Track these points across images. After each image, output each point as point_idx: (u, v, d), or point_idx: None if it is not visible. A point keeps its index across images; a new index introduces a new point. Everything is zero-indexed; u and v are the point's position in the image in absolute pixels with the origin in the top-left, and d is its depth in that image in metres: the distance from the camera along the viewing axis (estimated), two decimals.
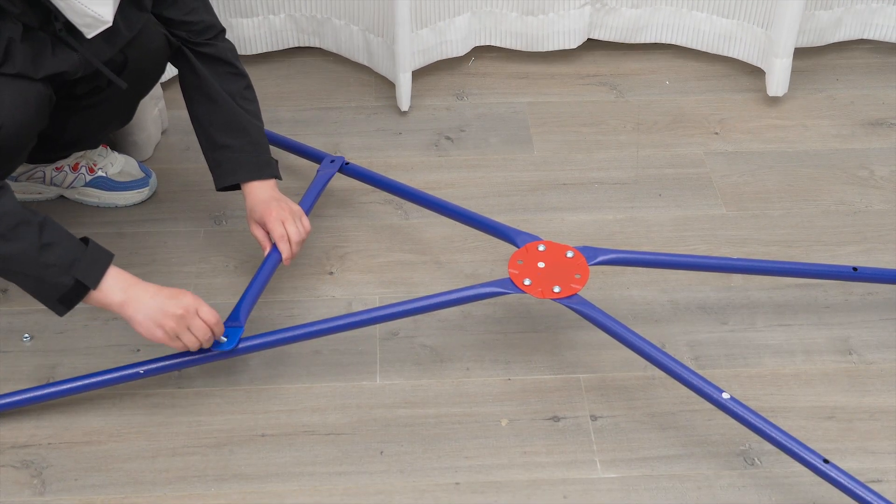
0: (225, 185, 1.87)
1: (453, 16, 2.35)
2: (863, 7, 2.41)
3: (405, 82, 2.29)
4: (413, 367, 1.81)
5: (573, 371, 1.80)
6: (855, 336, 1.86)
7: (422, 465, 1.66)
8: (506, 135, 2.30)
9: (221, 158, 1.86)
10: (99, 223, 2.04)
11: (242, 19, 2.37)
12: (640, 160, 2.23)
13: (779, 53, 2.29)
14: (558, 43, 2.41)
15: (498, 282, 1.70)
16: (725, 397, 1.54)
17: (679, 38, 2.46)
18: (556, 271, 1.71)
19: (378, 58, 2.35)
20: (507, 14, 2.38)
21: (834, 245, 2.03)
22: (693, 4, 2.39)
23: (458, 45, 2.40)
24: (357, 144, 2.26)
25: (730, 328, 1.87)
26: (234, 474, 1.64)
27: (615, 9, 2.40)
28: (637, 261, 1.81)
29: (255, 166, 1.85)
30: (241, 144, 1.85)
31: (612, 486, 1.63)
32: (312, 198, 1.97)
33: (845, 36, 2.46)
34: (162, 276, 1.95)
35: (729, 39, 2.40)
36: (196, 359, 1.68)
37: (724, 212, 2.11)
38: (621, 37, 2.45)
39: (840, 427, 1.71)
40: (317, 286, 1.95)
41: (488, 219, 1.88)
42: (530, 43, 2.42)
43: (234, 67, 1.89)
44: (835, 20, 2.41)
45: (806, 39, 2.42)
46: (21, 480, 1.63)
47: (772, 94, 2.34)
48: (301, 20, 2.40)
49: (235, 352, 1.68)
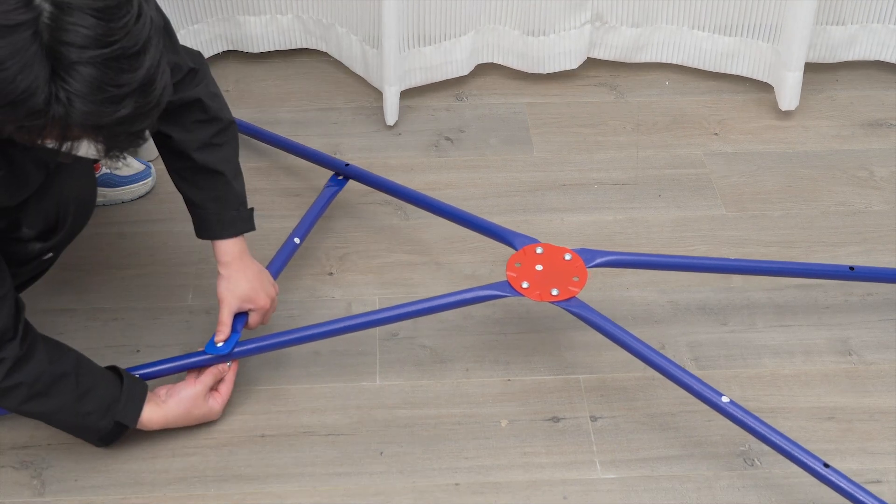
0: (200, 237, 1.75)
1: (458, 35, 2.33)
2: (880, 27, 2.35)
3: (391, 96, 2.26)
4: (413, 367, 1.81)
5: (573, 372, 1.80)
6: (855, 337, 1.86)
7: (421, 466, 1.66)
8: (505, 135, 2.30)
9: (191, 212, 1.74)
10: (100, 223, 2.04)
11: (250, 17, 2.37)
12: (640, 161, 2.23)
13: (790, 66, 2.25)
14: (559, 65, 2.39)
15: (496, 285, 1.70)
16: (725, 401, 1.54)
17: (680, 58, 2.42)
18: (554, 274, 1.71)
19: (372, 69, 2.34)
20: (510, 32, 2.36)
21: (834, 245, 2.03)
22: (694, 23, 2.35)
23: (463, 64, 2.38)
24: (357, 145, 2.26)
25: (729, 329, 1.87)
26: (233, 475, 1.64)
27: (615, 27, 2.37)
28: (635, 262, 1.81)
29: (218, 224, 1.71)
30: (202, 200, 1.71)
31: (611, 486, 1.63)
32: (314, 215, 1.95)
33: (860, 55, 2.40)
34: (161, 276, 1.95)
35: (732, 57, 2.37)
36: (191, 363, 1.68)
37: (724, 212, 2.11)
38: (621, 56, 2.42)
39: (840, 428, 1.71)
40: (316, 287, 1.95)
41: (486, 221, 1.88)
42: (531, 64, 2.38)
43: (202, 113, 1.68)
44: (848, 37, 2.36)
45: (816, 55, 2.38)
46: (21, 481, 1.63)
47: (784, 109, 2.31)
48: (308, 22, 2.40)
49: (231, 356, 1.68)
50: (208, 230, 1.72)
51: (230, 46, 2.43)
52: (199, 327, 1.86)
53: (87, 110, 1.15)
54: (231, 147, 1.74)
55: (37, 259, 1.59)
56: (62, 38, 1.12)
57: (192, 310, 1.90)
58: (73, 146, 1.22)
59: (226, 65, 2.45)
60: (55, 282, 1.92)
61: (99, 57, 1.13)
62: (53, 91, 1.14)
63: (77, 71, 1.13)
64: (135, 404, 1.61)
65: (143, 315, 1.89)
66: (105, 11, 1.13)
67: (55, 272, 1.93)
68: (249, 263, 1.72)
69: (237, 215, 1.72)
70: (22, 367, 1.49)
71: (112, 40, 1.14)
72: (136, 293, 1.93)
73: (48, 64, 1.12)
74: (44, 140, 1.20)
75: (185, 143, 1.68)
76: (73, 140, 1.21)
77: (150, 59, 1.17)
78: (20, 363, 1.49)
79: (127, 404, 1.60)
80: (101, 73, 1.14)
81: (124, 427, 1.62)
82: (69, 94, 1.14)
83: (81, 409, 1.56)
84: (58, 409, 1.55)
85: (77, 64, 1.13)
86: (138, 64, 1.17)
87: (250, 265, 1.72)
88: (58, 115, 1.15)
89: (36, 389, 1.51)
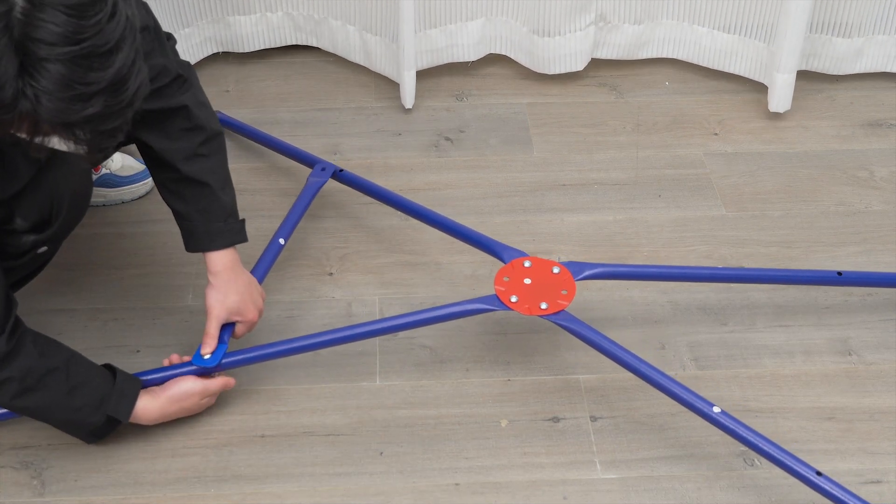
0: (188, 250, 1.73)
1: (465, 20, 2.34)
2: (885, 38, 2.33)
3: (409, 80, 2.29)
4: (413, 367, 1.81)
5: (573, 372, 1.80)
6: (855, 337, 1.86)
7: (421, 466, 1.66)
8: (505, 136, 2.30)
9: (179, 224, 1.72)
10: (99, 223, 2.04)
11: (240, 17, 2.37)
12: (640, 161, 2.23)
13: (781, 68, 2.25)
14: (565, 66, 2.39)
15: (485, 298, 1.70)
16: (716, 411, 1.54)
17: (681, 53, 2.43)
18: (542, 287, 1.70)
19: (376, 57, 2.35)
20: (519, 27, 2.37)
21: (833, 246, 2.03)
22: (694, 19, 2.36)
23: (470, 49, 2.39)
24: (356, 145, 2.26)
25: (729, 329, 1.87)
26: (233, 475, 1.64)
27: (617, 26, 2.37)
28: (623, 274, 1.81)
29: (206, 236, 1.69)
30: (188, 211, 1.69)
31: (611, 486, 1.63)
32: (301, 209, 1.94)
33: (867, 67, 2.38)
34: (161, 277, 1.95)
35: (730, 55, 2.37)
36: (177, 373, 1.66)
37: (724, 212, 2.11)
38: (624, 54, 2.42)
39: (840, 428, 1.71)
40: (316, 287, 1.95)
41: (475, 232, 1.87)
42: (537, 64, 2.39)
43: (187, 121, 1.65)
44: (854, 50, 2.34)
45: (819, 65, 2.37)
46: (21, 481, 1.63)
47: (773, 110, 2.30)
48: (298, 18, 2.40)
49: (219, 367, 1.67)
50: (196, 242, 1.70)
51: (221, 48, 2.43)
52: (199, 328, 1.85)
53: (54, 107, 1.15)
54: (218, 158, 1.70)
55: (31, 252, 1.59)
56: (32, 35, 1.12)
57: (191, 310, 1.89)
58: (44, 140, 1.21)
59: (225, 65, 2.45)
60: (55, 282, 1.92)
61: (68, 54, 1.13)
62: (21, 86, 1.13)
63: (45, 68, 1.13)
64: (128, 399, 1.60)
65: (142, 315, 1.89)
66: (77, 9, 1.12)
67: (55, 272, 1.93)
68: (240, 274, 1.71)
69: (224, 227, 1.69)
70: (10, 362, 1.49)
71: (82, 38, 1.13)
72: (135, 293, 1.93)
73: (17, 59, 1.12)
74: (15, 133, 1.20)
75: (170, 152, 1.65)
76: (43, 135, 1.21)
77: (123, 58, 1.17)
78: (8, 358, 1.49)
79: (120, 399, 1.59)
80: (70, 71, 1.13)
81: (116, 422, 1.62)
82: (36, 90, 1.14)
83: (72, 404, 1.56)
84: (49, 404, 1.55)
85: (45, 61, 1.12)
86: (109, 63, 1.16)
87: (240, 276, 1.71)
88: (25, 111, 1.15)
89: (26, 384, 1.51)
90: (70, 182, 1.58)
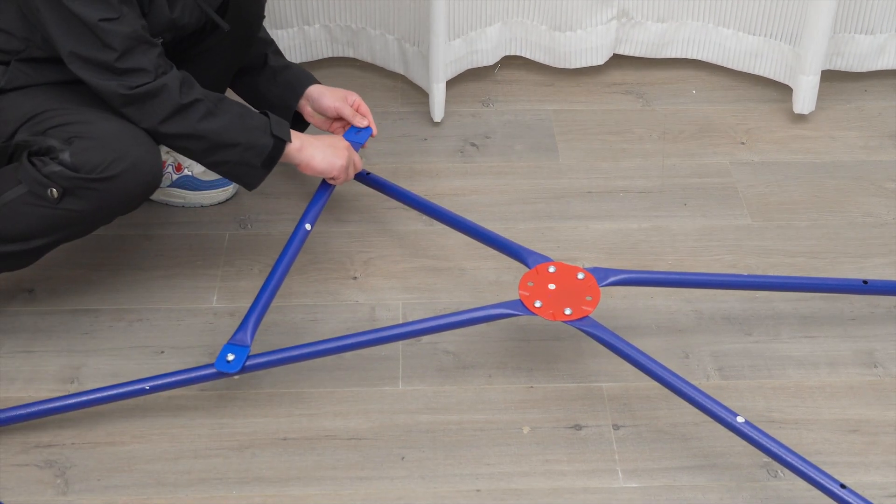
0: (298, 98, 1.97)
1: (485, 26, 2.35)
2: None
3: (438, 93, 2.29)
4: (435, 373, 1.81)
5: (596, 380, 1.79)
6: (880, 349, 1.85)
7: (443, 472, 1.66)
8: (531, 142, 2.30)
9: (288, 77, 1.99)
10: (126, 225, 2.05)
11: (277, 31, 2.38)
12: (666, 169, 2.22)
13: (805, 70, 2.25)
14: (585, 60, 2.40)
15: (509, 303, 1.70)
16: (740, 421, 1.54)
17: (705, 54, 2.43)
18: (567, 293, 1.70)
19: (414, 67, 2.36)
20: (537, 26, 2.38)
21: (860, 257, 2.02)
22: (719, 20, 2.36)
23: (489, 54, 2.40)
24: (383, 150, 2.26)
25: (754, 339, 1.86)
26: (255, 477, 1.65)
27: (641, 23, 2.38)
28: (648, 280, 1.80)
29: None
30: None
31: (633, 495, 1.62)
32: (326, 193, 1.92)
33: (890, 64, 2.38)
34: (187, 278, 1.96)
35: (755, 56, 2.37)
36: (200, 376, 1.67)
37: (750, 222, 2.10)
38: (647, 52, 2.43)
39: (864, 440, 1.70)
40: (340, 291, 1.95)
41: (500, 237, 1.86)
42: (558, 59, 2.40)
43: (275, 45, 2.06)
44: (877, 47, 2.34)
45: (844, 63, 2.37)
46: (44, 480, 1.64)
47: (797, 112, 2.31)
48: (335, 30, 2.41)
49: (244, 370, 1.67)
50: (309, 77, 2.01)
51: None
52: (223, 329, 1.87)
53: None
54: None
55: (49, 180, 1.62)
56: None
57: (216, 312, 1.90)
58: None
59: None
60: (81, 282, 1.93)
61: None
62: None
63: None
64: (284, 126, 1.77)
65: (167, 316, 1.90)
66: None
67: (81, 272, 1.95)
68: None
69: None
70: (193, 85, 1.68)
71: None
72: (160, 295, 1.94)
73: None
74: None
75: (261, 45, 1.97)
76: None
77: None
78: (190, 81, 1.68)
79: (280, 125, 1.76)
80: None
81: (282, 145, 1.75)
82: None
83: (246, 125, 1.72)
84: (227, 126, 1.70)
85: None
86: None
87: None
88: None
89: (209, 108, 1.68)
90: (142, 142, 1.67)
